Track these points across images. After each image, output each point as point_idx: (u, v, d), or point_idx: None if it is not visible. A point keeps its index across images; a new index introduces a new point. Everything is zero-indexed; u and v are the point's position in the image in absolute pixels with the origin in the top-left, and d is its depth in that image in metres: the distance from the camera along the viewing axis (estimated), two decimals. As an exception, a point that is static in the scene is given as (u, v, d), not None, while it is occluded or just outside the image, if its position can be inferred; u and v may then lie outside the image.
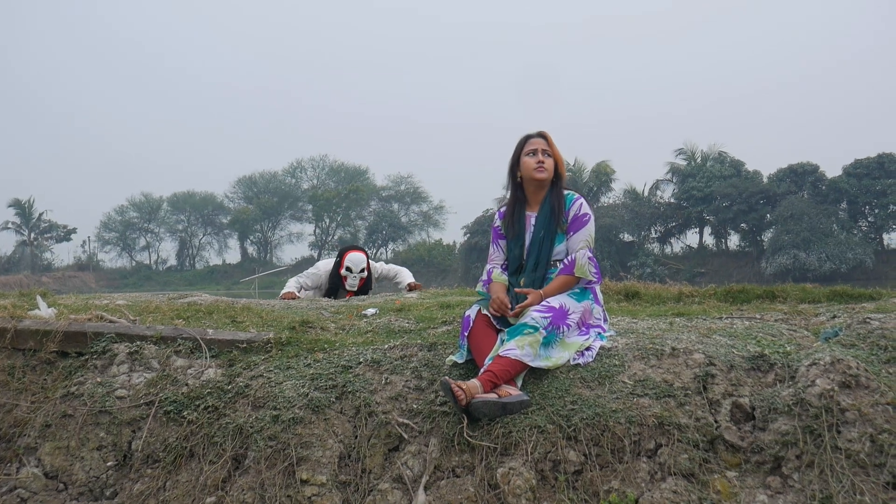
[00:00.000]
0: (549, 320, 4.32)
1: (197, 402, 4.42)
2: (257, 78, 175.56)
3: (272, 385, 4.44)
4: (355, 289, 8.66)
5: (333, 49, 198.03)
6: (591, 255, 4.71)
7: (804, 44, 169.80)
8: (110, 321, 5.24)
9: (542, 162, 4.80)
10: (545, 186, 4.87)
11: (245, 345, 4.91)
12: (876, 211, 58.83)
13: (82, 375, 4.72)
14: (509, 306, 4.55)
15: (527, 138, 4.90)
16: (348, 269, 8.61)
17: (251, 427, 4.19)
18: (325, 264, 8.97)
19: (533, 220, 4.86)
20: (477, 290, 5.10)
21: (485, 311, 4.57)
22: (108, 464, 4.29)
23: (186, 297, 7.24)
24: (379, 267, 9.14)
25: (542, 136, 4.88)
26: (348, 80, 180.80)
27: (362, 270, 8.64)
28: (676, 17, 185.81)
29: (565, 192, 4.87)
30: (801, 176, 60.78)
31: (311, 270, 8.99)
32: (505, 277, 4.87)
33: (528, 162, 4.83)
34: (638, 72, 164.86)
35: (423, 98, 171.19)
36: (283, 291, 8.66)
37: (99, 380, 4.66)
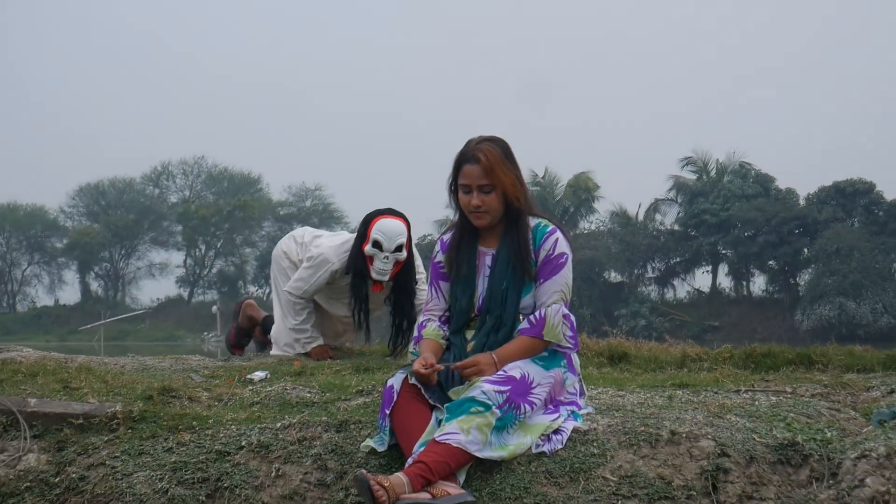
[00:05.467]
0: (505, 396, 4.28)
1: (10, 502, 4.34)
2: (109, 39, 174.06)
3: (118, 478, 4.39)
4: (386, 278, 7.39)
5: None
6: (566, 310, 4.69)
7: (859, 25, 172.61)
8: None
9: (479, 206, 4.68)
10: (496, 222, 4.83)
11: (81, 420, 4.84)
12: (953, 246, 59.64)
13: None
14: (431, 375, 4.45)
15: (460, 163, 4.73)
16: (376, 243, 7.22)
17: (87, 537, 4.14)
18: (336, 246, 7.68)
19: (489, 260, 4.83)
20: (409, 350, 5.08)
21: (413, 381, 4.52)
22: None
23: (1, 353, 7.15)
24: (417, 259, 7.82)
25: (478, 161, 4.65)
26: (236, 47, 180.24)
27: (399, 248, 7.30)
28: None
29: (535, 220, 4.81)
30: (851, 197, 61.44)
31: (309, 262, 7.63)
32: (441, 333, 4.86)
33: (464, 201, 4.72)
34: (637, 73, 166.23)
35: (341, 87, 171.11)
36: (312, 346, 7.62)
37: None
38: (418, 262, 7.79)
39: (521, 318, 4.70)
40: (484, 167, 4.62)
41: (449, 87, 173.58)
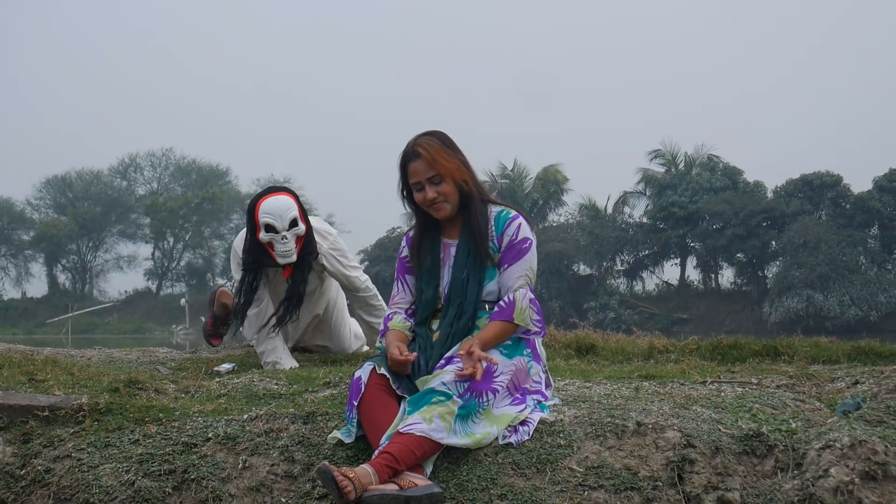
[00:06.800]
0: (465, 385, 4.29)
1: (-25, 494, 4.33)
2: (78, 38, 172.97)
3: (84, 470, 4.37)
4: (294, 258, 6.79)
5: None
6: (532, 295, 4.72)
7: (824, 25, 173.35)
8: None
9: (435, 197, 4.74)
10: (456, 212, 4.87)
11: (47, 413, 4.82)
12: (920, 239, 59.60)
13: None
14: (409, 363, 4.48)
15: (405, 163, 4.80)
16: (269, 227, 6.74)
17: (52, 529, 4.12)
18: (240, 241, 7.28)
19: (453, 251, 4.87)
20: (376, 344, 5.07)
21: (381, 371, 4.52)
22: None
23: (-34, 345, 7.12)
24: (325, 231, 7.20)
25: (419, 156, 4.73)
26: (204, 43, 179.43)
27: (294, 223, 6.74)
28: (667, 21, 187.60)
29: (497, 208, 4.87)
30: (819, 190, 61.39)
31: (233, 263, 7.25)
32: (408, 325, 4.88)
33: (420, 198, 4.79)
34: (608, 67, 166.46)
35: (308, 81, 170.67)
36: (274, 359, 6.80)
37: None
38: (323, 226, 7.28)
39: (486, 306, 4.74)
40: (426, 160, 4.71)
41: (419, 82, 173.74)
